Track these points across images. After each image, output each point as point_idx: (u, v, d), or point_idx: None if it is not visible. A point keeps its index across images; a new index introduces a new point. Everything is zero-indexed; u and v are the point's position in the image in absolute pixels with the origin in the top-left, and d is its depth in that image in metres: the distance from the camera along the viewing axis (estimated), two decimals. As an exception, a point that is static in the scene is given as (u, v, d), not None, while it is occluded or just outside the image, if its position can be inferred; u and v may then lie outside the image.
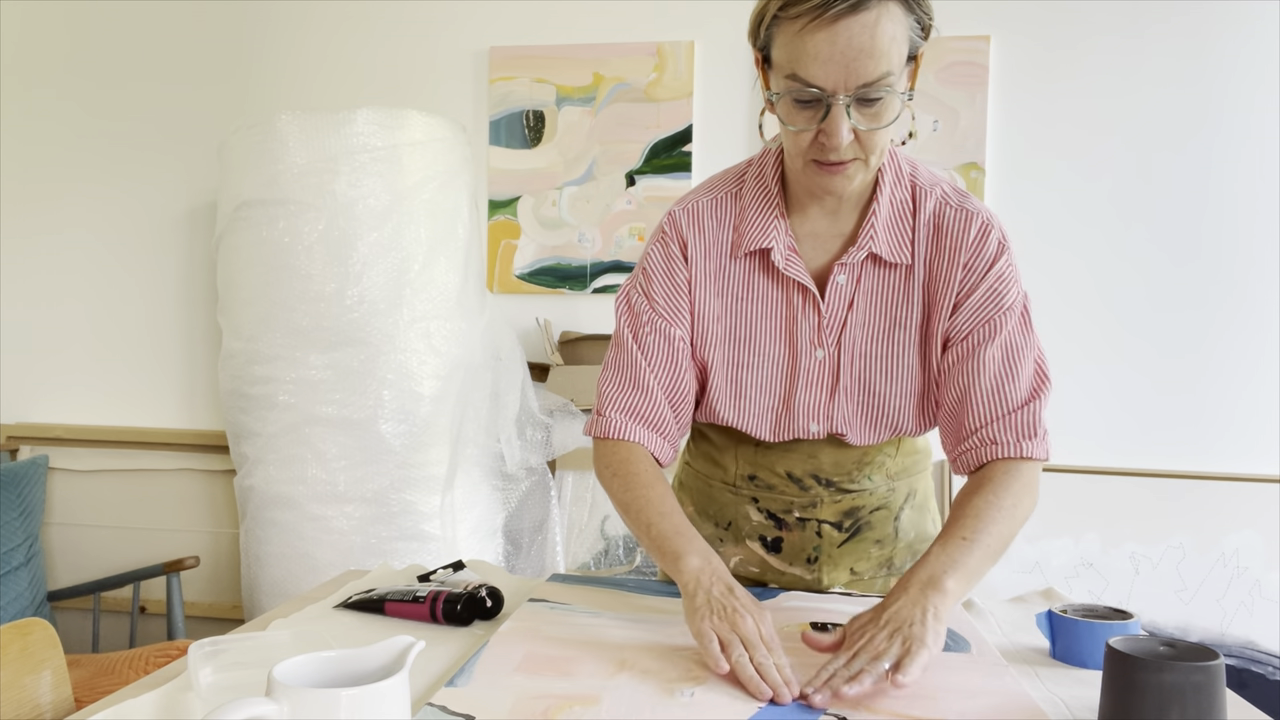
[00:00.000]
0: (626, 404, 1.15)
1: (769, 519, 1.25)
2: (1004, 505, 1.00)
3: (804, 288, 1.11)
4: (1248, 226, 2.33)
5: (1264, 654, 2.28)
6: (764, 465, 1.22)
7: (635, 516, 1.10)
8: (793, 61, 0.95)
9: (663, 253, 1.16)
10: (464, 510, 2.32)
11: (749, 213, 1.13)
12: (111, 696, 0.89)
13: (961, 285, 1.09)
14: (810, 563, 1.25)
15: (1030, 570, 2.40)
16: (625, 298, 1.20)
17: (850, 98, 0.95)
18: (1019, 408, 1.07)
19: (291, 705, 0.65)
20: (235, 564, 2.74)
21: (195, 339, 2.81)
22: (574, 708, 0.84)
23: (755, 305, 1.14)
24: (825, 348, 1.12)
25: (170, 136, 2.78)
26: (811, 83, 0.95)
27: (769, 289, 1.13)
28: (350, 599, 1.19)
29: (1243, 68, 2.31)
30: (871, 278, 1.11)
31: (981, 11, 2.40)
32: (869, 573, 1.26)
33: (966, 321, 1.09)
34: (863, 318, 1.12)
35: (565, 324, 2.61)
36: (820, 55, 0.93)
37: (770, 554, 1.26)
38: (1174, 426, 2.38)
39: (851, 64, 0.93)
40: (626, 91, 2.55)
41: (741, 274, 1.14)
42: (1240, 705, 0.90)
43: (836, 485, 1.21)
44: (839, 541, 1.24)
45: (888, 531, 1.25)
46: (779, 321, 1.14)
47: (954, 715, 0.83)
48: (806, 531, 1.24)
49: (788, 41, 0.96)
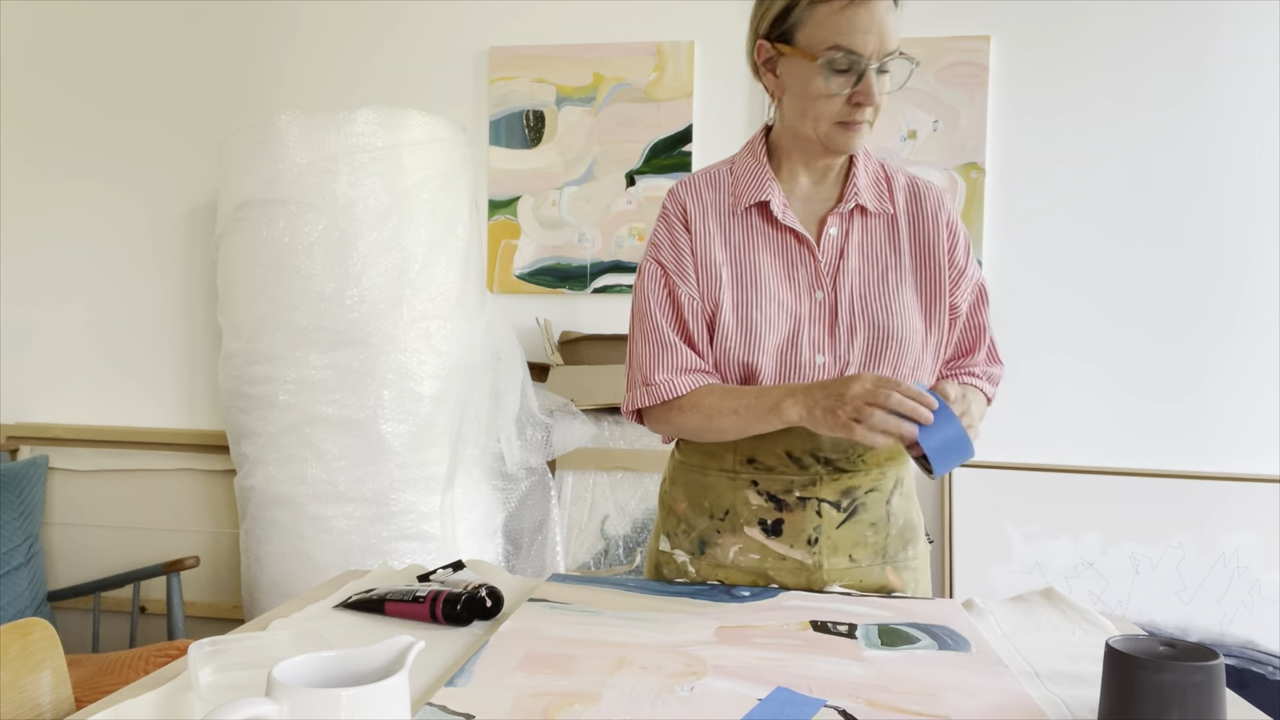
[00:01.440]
0: (665, 363, 1.27)
1: (769, 501, 1.27)
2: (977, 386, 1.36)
3: (800, 235, 1.27)
4: (1248, 225, 2.33)
5: (1264, 654, 2.28)
6: (763, 447, 1.26)
7: (726, 421, 1.22)
8: (835, 34, 1.15)
9: (665, 224, 1.31)
10: (464, 510, 2.32)
11: (743, 179, 1.30)
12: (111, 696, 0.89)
13: (951, 240, 1.30)
14: (811, 544, 1.26)
15: (1030, 570, 2.40)
16: (640, 273, 1.33)
17: (879, 63, 1.16)
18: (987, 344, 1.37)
19: (291, 705, 0.65)
20: (235, 564, 2.74)
21: (195, 339, 2.81)
22: (574, 706, 0.84)
23: (758, 253, 1.28)
24: (824, 290, 1.26)
25: (170, 136, 2.78)
26: (854, 50, 1.15)
27: (769, 237, 1.28)
28: (350, 599, 1.19)
29: (1243, 68, 2.31)
30: (860, 229, 1.29)
31: (981, 11, 2.40)
32: (866, 560, 1.28)
33: (966, 282, 1.32)
34: (855, 263, 1.27)
35: (565, 324, 2.61)
36: (862, 26, 1.15)
37: (770, 538, 1.27)
38: (1174, 426, 2.39)
39: (883, 34, 1.15)
40: (626, 91, 2.55)
41: (742, 228, 1.29)
42: (1240, 705, 0.90)
43: (834, 464, 1.26)
44: (837, 522, 1.26)
45: (880, 514, 1.29)
46: (781, 266, 1.27)
47: (954, 715, 0.83)
48: (807, 511, 1.26)
49: (825, 19, 1.16)
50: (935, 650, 1.01)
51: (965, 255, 1.32)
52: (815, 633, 1.05)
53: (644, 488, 2.47)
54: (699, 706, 0.84)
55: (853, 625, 1.04)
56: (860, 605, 1.15)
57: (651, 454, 2.46)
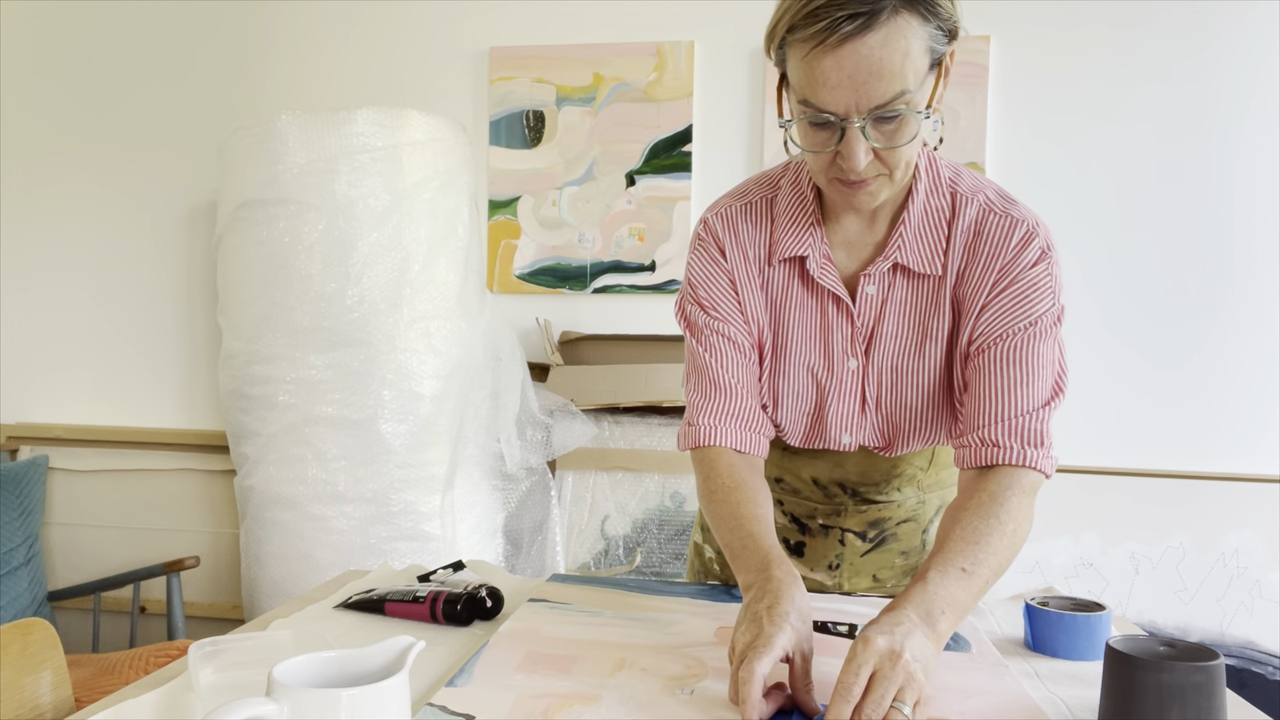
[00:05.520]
0: (710, 407, 1.11)
1: (793, 523, 1.25)
2: (1006, 531, 0.94)
3: (837, 297, 1.09)
4: (1248, 225, 2.33)
5: (1264, 654, 2.28)
6: (790, 469, 1.22)
7: (718, 535, 1.05)
8: (803, 87, 0.92)
9: (702, 257, 1.14)
10: (464, 510, 2.32)
11: (783, 219, 1.10)
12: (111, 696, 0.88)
13: (993, 289, 1.04)
14: (832, 569, 1.24)
15: (1030, 570, 2.40)
16: (681, 312, 1.17)
17: (865, 119, 0.91)
18: (1028, 413, 1.01)
19: (291, 705, 0.65)
20: (235, 564, 2.74)
21: (195, 339, 2.81)
22: (574, 707, 0.84)
23: (792, 312, 1.12)
24: (858, 358, 1.10)
25: (170, 136, 2.78)
26: (823, 108, 0.91)
27: (804, 296, 1.11)
28: (350, 599, 1.19)
29: (1242, 67, 2.31)
30: (902, 288, 1.08)
31: (981, 11, 2.40)
32: (891, 580, 1.25)
33: (992, 323, 1.04)
34: (893, 329, 1.09)
35: (565, 324, 2.61)
36: (829, 81, 0.89)
37: (793, 557, 1.26)
38: (1174, 426, 2.38)
39: (862, 87, 0.89)
40: (626, 91, 2.55)
41: (779, 279, 1.12)
42: (1240, 705, 0.90)
43: (862, 495, 1.20)
44: (862, 551, 1.23)
45: (915, 544, 1.24)
46: (814, 330, 1.11)
47: (954, 715, 0.83)
48: (829, 539, 1.23)
49: (797, 65, 0.92)
50: (935, 650, 1.00)
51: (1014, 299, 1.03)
52: (815, 633, 1.05)
53: (644, 488, 2.47)
54: (699, 710, 0.84)
55: (853, 625, 1.04)
56: (861, 605, 1.15)
57: (652, 454, 2.46)
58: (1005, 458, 1.00)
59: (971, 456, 1.03)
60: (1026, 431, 1.01)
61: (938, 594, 0.87)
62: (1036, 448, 1.00)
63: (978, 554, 0.91)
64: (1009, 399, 1.02)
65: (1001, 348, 1.03)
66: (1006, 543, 0.94)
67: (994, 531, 0.93)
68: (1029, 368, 1.02)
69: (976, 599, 0.91)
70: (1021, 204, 1.07)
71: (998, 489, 0.98)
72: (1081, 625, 1.00)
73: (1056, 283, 1.06)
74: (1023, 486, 0.99)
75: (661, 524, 2.45)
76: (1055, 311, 1.05)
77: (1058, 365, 1.05)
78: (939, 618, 0.85)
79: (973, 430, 1.03)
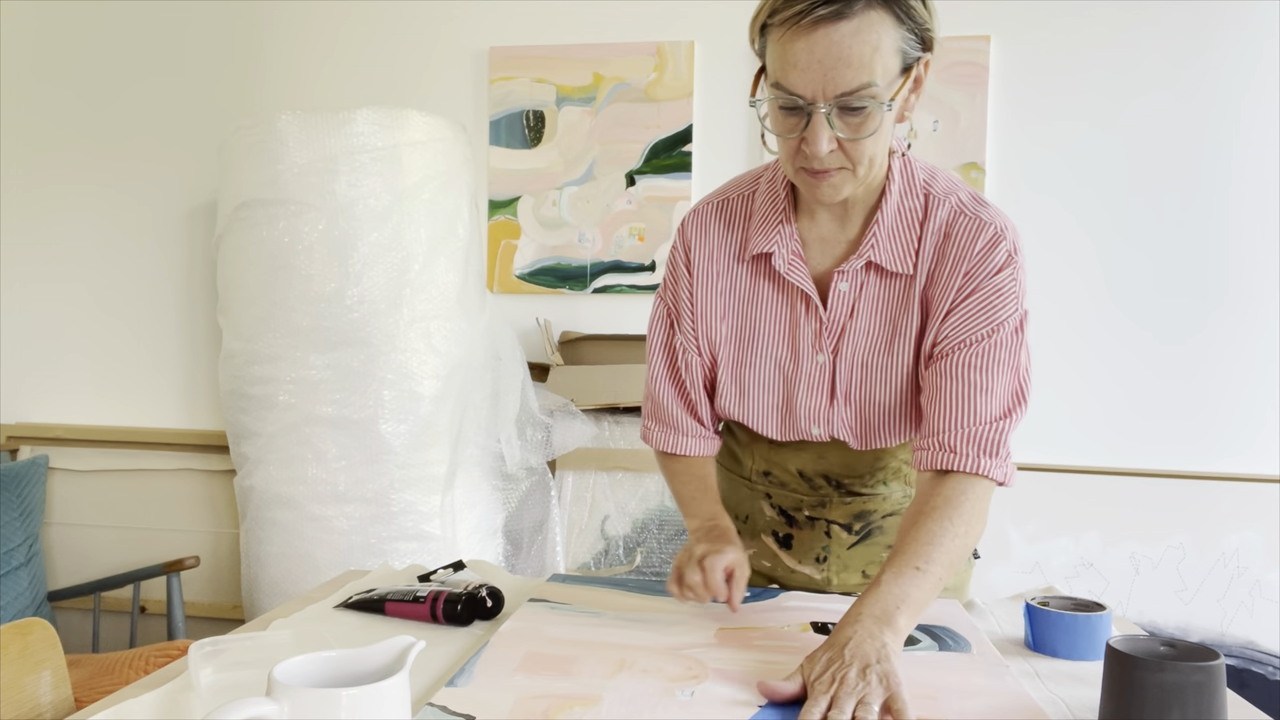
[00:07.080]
0: (650, 410, 1.25)
1: (780, 515, 1.27)
2: (958, 532, 0.98)
3: (806, 294, 1.11)
4: (1248, 226, 2.33)
5: (1264, 654, 2.28)
6: (777, 462, 1.25)
7: (672, 485, 1.25)
8: (776, 70, 0.96)
9: (671, 263, 1.21)
10: (464, 510, 2.32)
11: (757, 217, 1.13)
12: (111, 696, 0.88)
13: (959, 292, 1.06)
14: (819, 562, 1.26)
15: (1030, 570, 2.40)
16: (653, 306, 1.26)
17: (831, 106, 0.94)
18: (987, 422, 1.03)
19: (291, 705, 0.65)
20: (235, 564, 2.74)
21: (195, 339, 2.81)
22: (574, 708, 0.84)
23: (760, 308, 1.15)
24: (825, 353, 1.12)
25: (170, 136, 2.78)
26: (792, 90, 0.95)
27: (773, 293, 1.14)
28: (350, 599, 1.19)
29: (1242, 67, 2.31)
30: (874, 286, 1.10)
31: (981, 11, 2.40)
32: None
33: (956, 328, 1.06)
34: (864, 325, 1.11)
35: (565, 324, 2.61)
36: (799, 63, 0.93)
37: (782, 550, 1.28)
38: (1174, 426, 2.38)
39: (830, 72, 0.92)
40: (626, 91, 2.55)
41: (748, 276, 1.15)
42: (1240, 705, 0.90)
43: (847, 488, 1.22)
44: (848, 544, 1.25)
45: None
46: (783, 325, 1.14)
47: (954, 715, 0.83)
48: (815, 531, 1.25)
49: (773, 49, 0.97)
50: (936, 651, 1.00)
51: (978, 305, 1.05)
52: (815, 634, 1.05)
53: (644, 488, 2.47)
54: (699, 711, 0.84)
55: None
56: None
57: (652, 454, 2.46)
58: (962, 464, 1.03)
59: (929, 460, 1.05)
60: (984, 440, 1.03)
61: (892, 592, 0.93)
62: (992, 457, 1.03)
63: (930, 552, 0.96)
64: (969, 406, 1.04)
65: (964, 354, 1.05)
66: (959, 544, 0.99)
67: (947, 534, 0.98)
68: (989, 375, 1.04)
69: (932, 595, 0.95)
70: (993, 206, 1.10)
71: (953, 494, 1.01)
72: (1082, 625, 1.00)
73: (1020, 287, 1.08)
74: (977, 493, 1.02)
75: (661, 524, 2.45)
76: (1018, 317, 1.07)
77: (1021, 373, 1.07)
78: (896, 614, 0.90)
79: (932, 434, 1.05)
